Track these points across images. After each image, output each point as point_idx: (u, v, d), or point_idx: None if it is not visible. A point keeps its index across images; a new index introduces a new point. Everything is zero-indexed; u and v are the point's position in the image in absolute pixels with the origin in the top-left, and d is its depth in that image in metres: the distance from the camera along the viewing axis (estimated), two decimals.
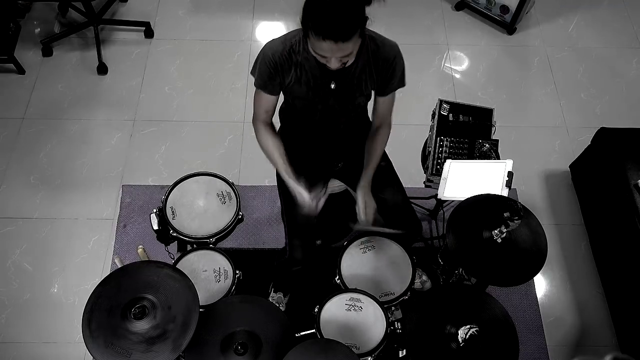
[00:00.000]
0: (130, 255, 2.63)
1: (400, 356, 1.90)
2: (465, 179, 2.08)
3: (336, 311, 1.94)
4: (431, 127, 2.33)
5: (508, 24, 3.47)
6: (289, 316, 1.85)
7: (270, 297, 2.46)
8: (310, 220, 1.98)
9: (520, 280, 1.80)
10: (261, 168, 2.85)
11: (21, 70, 3.20)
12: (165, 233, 2.10)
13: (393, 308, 2.07)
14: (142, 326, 1.57)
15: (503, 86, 3.31)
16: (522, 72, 3.39)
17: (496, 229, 1.76)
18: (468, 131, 2.27)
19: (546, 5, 3.63)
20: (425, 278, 2.53)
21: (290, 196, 1.89)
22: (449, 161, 2.14)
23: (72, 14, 3.44)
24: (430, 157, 2.25)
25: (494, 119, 2.31)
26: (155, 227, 2.08)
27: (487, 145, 2.23)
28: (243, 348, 1.70)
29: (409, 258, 2.12)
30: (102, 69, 3.22)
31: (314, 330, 1.91)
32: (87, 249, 2.70)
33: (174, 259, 2.14)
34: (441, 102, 2.32)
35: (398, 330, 1.98)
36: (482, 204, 1.86)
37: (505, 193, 1.98)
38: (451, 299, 1.81)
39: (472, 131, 2.27)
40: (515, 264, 1.78)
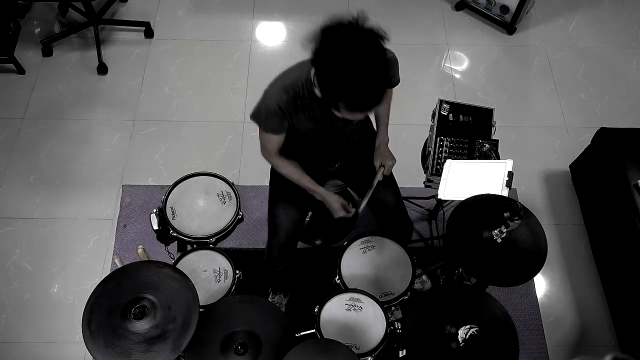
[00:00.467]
0: (130, 255, 2.63)
1: (400, 356, 1.90)
2: (465, 179, 2.08)
3: (336, 311, 1.95)
4: (431, 127, 2.32)
5: (508, 24, 3.47)
6: (289, 316, 1.85)
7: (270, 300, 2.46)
8: (294, 222, 2.03)
9: (520, 280, 1.80)
10: (261, 168, 2.83)
11: (21, 70, 3.20)
12: (165, 233, 2.10)
13: (393, 308, 2.07)
14: (142, 326, 1.58)
15: (503, 86, 3.31)
16: (522, 72, 3.39)
17: (496, 229, 1.75)
18: (468, 131, 2.27)
19: (546, 5, 3.63)
20: (425, 278, 2.53)
21: (274, 196, 1.91)
22: (449, 161, 2.14)
23: (72, 14, 3.44)
24: (430, 157, 2.24)
25: (494, 119, 2.31)
26: (155, 227, 2.08)
27: (487, 145, 2.23)
28: (243, 348, 1.70)
29: (409, 258, 2.12)
30: (102, 69, 3.22)
31: (314, 330, 1.91)
32: (87, 249, 2.70)
33: (174, 259, 2.14)
34: (441, 102, 2.32)
35: (398, 330, 1.98)
36: (482, 204, 1.87)
37: (505, 193, 1.98)
38: (451, 299, 1.81)
39: (472, 131, 2.27)
40: (515, 264, 1.78)
